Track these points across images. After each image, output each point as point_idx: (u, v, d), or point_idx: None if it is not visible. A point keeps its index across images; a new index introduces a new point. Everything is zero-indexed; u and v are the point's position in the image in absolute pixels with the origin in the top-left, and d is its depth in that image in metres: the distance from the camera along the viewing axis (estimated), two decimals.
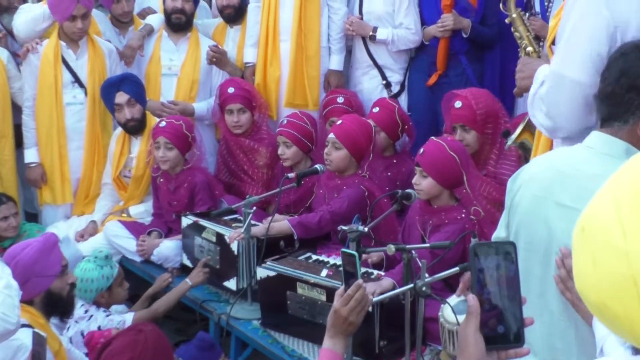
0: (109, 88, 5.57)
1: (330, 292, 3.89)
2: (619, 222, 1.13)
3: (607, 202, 1.17)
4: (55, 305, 3.73)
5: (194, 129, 5.40)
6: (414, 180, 4.12)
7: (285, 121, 5.23)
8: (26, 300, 3.44)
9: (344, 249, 2.66)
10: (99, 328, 4.20)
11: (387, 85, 5.80)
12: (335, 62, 5.89)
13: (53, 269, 3.69)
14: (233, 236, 4.53)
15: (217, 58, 5.96)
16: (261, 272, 4.23)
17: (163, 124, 5.29)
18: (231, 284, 4.65)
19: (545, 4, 5.44)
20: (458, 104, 4.56)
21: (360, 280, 2.45)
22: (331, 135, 4.66)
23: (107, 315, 4.31)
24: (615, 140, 2.20)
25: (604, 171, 1.29)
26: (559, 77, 2.69)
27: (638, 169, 1.17)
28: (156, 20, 6.24)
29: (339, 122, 4.73)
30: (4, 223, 5.45)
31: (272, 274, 4.18)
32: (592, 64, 2.60)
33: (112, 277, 4.42)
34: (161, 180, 5.39)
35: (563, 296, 2.17)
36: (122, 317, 4.31)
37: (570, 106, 2.69)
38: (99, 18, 6.34)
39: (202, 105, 6.02)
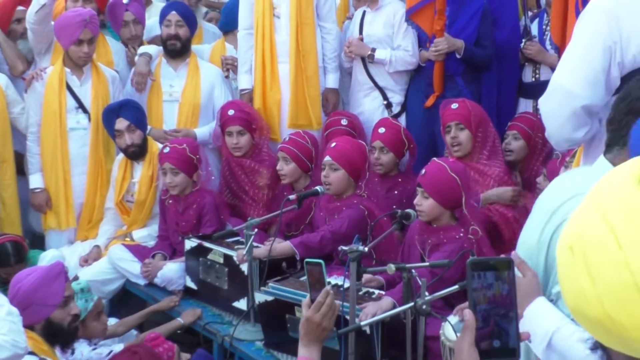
0: (109, 114, 5.62)
1: None
2: (612, 233, 1.13)
3: (592, 217, 1.17)
4: (56, 335, 3.72)
5: (199, 149, 5.44)
6: (415, 201, 4.17)
7: (288, 138, 5.33)
8: (27, 326, 3.46)
9: (307, 259, 2.74)
10: None
11: (388, 106, 5.84)
12: (332, 81, 6.00)
13: (53, 299, 3.68)
14: (240, 257, 4.57)
15: (233, 65, 6.11)
16: (259, 297, 4.26)
17: (167, 149, 5.34)
18: (241, 304, 4.69)
19: (543, 27, 5.47)
20: (455, 105, 5.02)
21: (328, 287, 2.57)
22: (327, 158, 4.69)
23: (94, 349, 4.16)
24: (608, 165, 2.11)
25: None
26: (554, 84, 2.81)
27: (616, 182, 1.18)
28: (152, 49, 6.25)
29: (333, 144, 4.78)
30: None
31: (270, 298, 4.21)
32: (585, 76, 2.71)
33: (85, 311, 4.20)
34: (170, 202, 5.43)
35: None
36: (110, 348, 4.21)
37: (559, 114, 2.80)
38: (115, 48, 6.41)
39: (204, 130, 6.05)
